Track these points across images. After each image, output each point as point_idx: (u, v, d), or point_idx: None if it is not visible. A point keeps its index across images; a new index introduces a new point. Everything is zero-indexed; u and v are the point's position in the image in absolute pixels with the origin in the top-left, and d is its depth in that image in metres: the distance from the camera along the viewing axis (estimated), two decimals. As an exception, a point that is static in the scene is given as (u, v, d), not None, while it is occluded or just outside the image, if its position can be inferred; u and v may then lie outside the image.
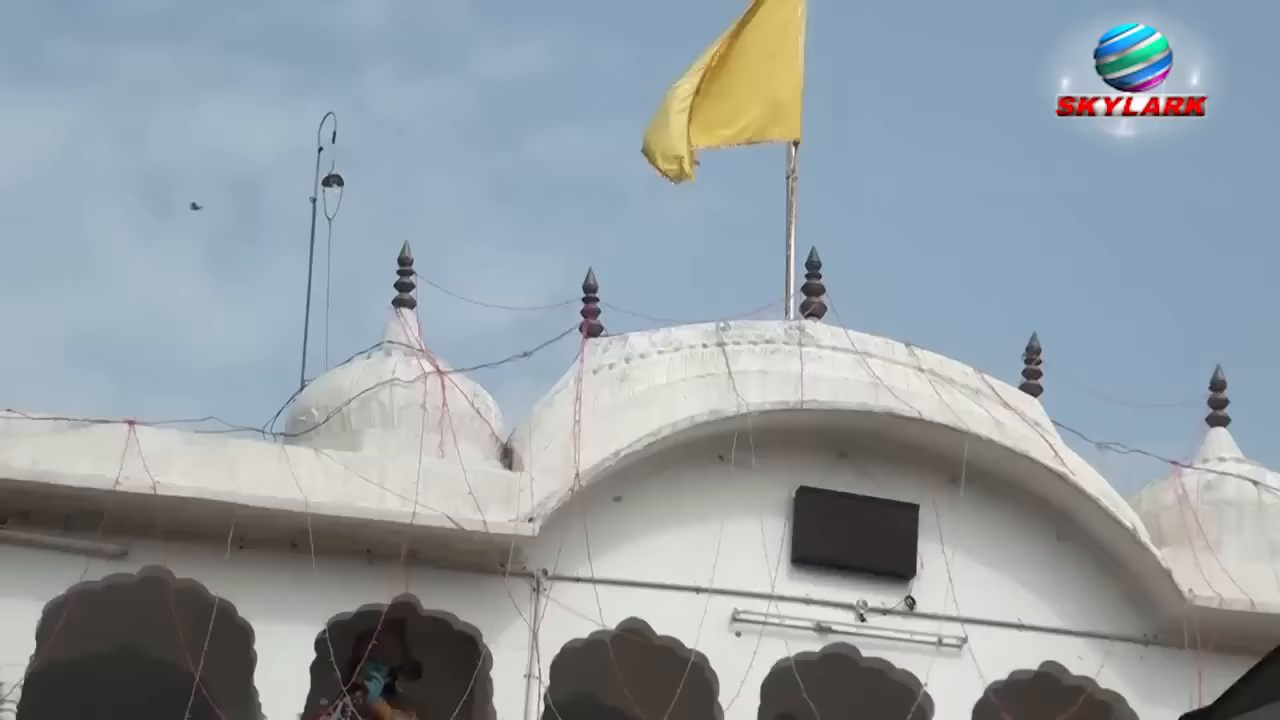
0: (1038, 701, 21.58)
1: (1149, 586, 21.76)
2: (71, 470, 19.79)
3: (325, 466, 20.63)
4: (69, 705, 20.95)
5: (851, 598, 21.40)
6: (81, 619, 19.94)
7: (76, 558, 19.87)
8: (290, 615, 20.35)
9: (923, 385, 22.06)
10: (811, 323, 22.62)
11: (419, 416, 21.22)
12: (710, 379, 21.73)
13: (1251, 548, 22.31)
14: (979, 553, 21.78)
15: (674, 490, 21.41)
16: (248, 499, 20.08)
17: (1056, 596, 21.87)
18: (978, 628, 21.50)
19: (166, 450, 20.28)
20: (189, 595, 20.05)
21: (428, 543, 20.50)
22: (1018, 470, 21.85)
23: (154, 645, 20.56)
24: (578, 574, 20.95)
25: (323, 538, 20.16)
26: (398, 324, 22.16)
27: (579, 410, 21.36)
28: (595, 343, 22.23)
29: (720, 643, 21.06)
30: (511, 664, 20.67)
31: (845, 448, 21.77)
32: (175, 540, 20.00)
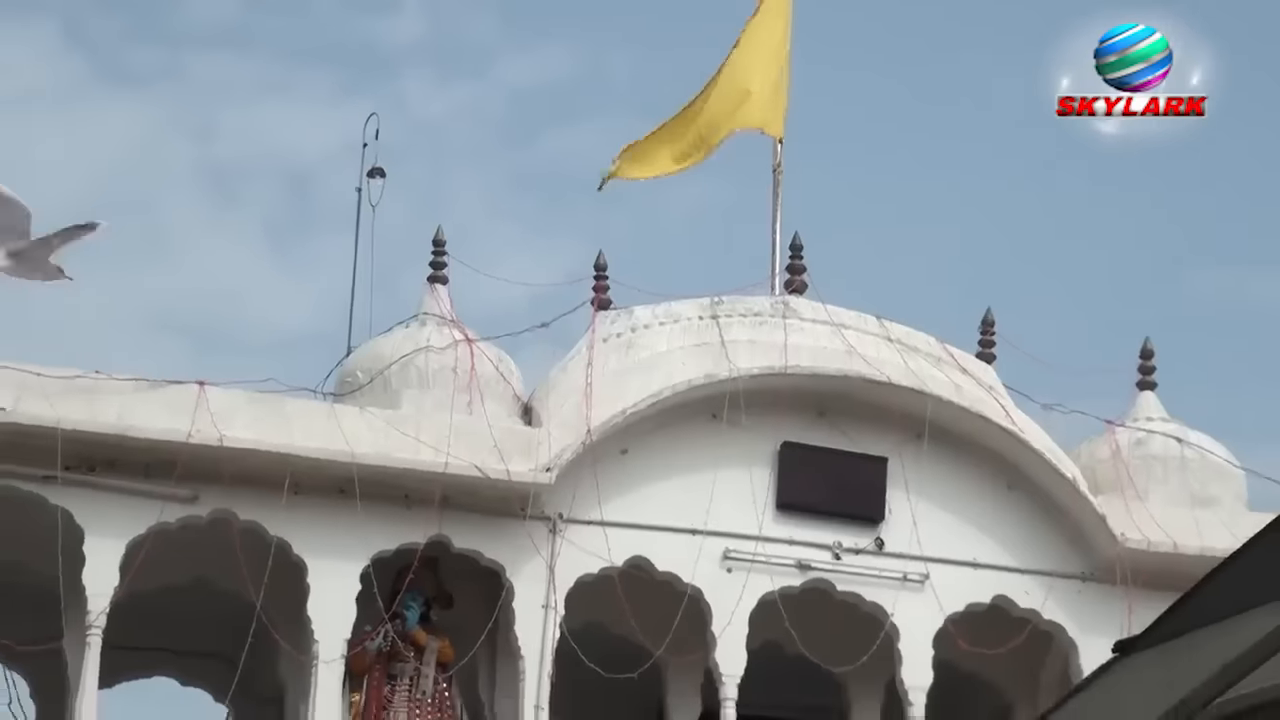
0: (990, 631, 21.66)
1: (1086, 530, 21.88)
2: (150, 425, 20.01)
3: (369, 422, 20.77)
4: (147, 630, 21.22)
5: (828, 539, 21.48)
6: (158, 555, 20.12)
7: (154, 501, 20.06)
8: (338, 552, 20.48)
9: (891, 353, 22.16)
10: (794, 298, 22.73)
11: (450, 379, 21.36)
12: (705, 347, 21.84)
13: (1175, 497, 22.42)
14: (940, 500, 21.88)
15: (673, 444, 21.50)
16: (301, 450, 20.30)
17: (1007, 539, 21.96)
18: (938, 565, 21.59)
19: (231, 408, 20.48)
20: (251, 534, 20.25)
21: (458, 489, 20.65)
22: (974, 428, 21.95)
23: (221, 578, 20.76)
24: (589, 517, 21.07)
25: (366, 484, 20.31)
26: (432, 298, 22.29)
27: (590, 374, 21.48)
28: (604, 315, 22.33)
29: (713, 578, 21.18)
30: (531, 596, 20.82)
31: (823, 408, 21.83)
32: (239, 486, 20.23)
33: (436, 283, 22.46)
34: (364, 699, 20.86)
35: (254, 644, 20.50)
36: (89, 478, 20.00)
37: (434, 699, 21.13)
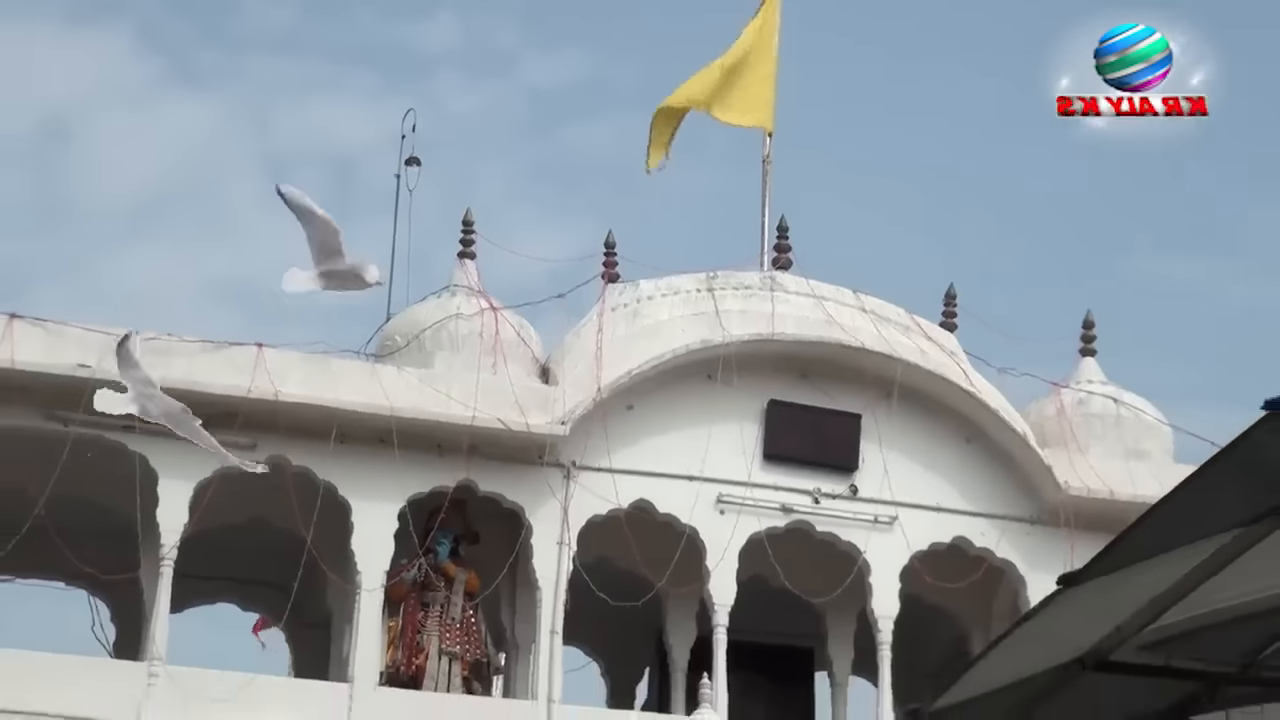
0: (950, 567, 21.76)
1: (1035, 479, 21.93)
2: (214, 381, 20.12)
3: (405, 380, 20.88)
4: (212, 562, 21.36)
5: (809, 485, 21.55)
6: (221, 496, 20.23)
7: (209, 450, 20.00)
8: (378, 494, 20.59)
9: (865, 323, 22.17)
10: (780, 274, 22.72)
11: (477, 342, 21.45)
12: (701, 316, 21.89)
13: (1112, 450, 22.42)
14: (907, 451, 21.91)
15: (673, 401, 21.56)
16: (346, 404, 20.43)
17: (965, 486, 21.99)
18: (905, 509, 21.67)
19: (285, 367, 20.61)
20: (302, 478, 20.39)
21: (483, 440, 20.74)
22: (937, 389, 21.99)
23: (276, 517, 20.85)
24: (598, 465, 21.18)
25: (403, 435, 20.44)
26: (461, 271, 22.33)
27: (600, 339, 21.54)
28: (613, 287, 22.35)
29: (708, 519, 21.26)
30: (547, 534, 20.93)
31: (805, 370, 21.86)
32: (291, 436, 20.38)
33: (465, 258, 22.49)
34: (400, 623, 20.94)
35: (305, 575, 20.60)
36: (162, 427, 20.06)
37: (462, 624, 21.17)
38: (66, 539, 19.93)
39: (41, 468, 19.69)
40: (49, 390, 19.77)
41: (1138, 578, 8.19)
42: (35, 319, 20.20)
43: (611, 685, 24.40)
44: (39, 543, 19.96)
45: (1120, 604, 8.43)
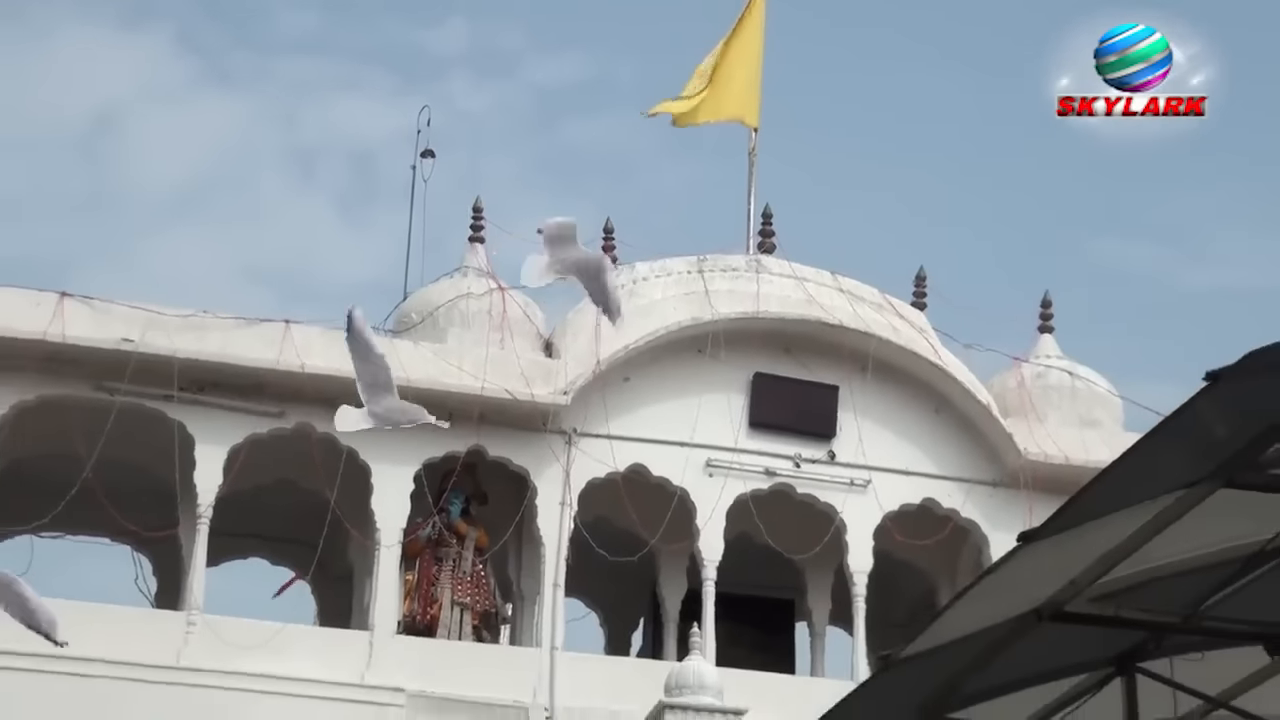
0: (919, 526, 21.78)
1: (997, 446, 21.93)
2: (245, 354, 20.28)
3: (421, 354, 20.89)
4: (244, 520, 21.39)
5: (791, 451, 21.57)
6: (252, 459, 20.36)
7: (249, 416, 20.37)
8: (396, 459, 20.53)
9: (842, 302, 22.14)
10: (765, 257, 22.72)
11: (486, 320, 21.47)
12: (692, 296, 21.90)
13: (1067, 419, 22.43)
14: (880, 420, 21.89)
15: (666, 374, 21.59)
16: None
17: (934, 452, 21.99)
18: (878, 473, 21.67)
19: (310, 341, 20.60)
20: (326, 444, 20.28)
21: (492, 409, 20.79)
22: (908, 363, 21.99)
23: (302, 479, 20.89)
24: (598, 432, 21.23)
25: (418, 403, 20.49)
26: (472, 254, 22.35)
27: (599, 317, 20.78)
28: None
29: (698, 481, 21.31)
30: (550, 495, 20.99)
31: (788, 345, 21.86)
32: (316, 405, 20.12)
33: (475, 242, 22.52)
34: (416, 577, 21.02)
35: (329, 532, 20.67)
36: (199, 397, 20.23)
37: (472, 577, 21.24)
38: (112, 499, 20.02)
39: (89, 434, 19.73)
40: (96, 363, 19.87)
41: (1090, 535, 8.22)
42: (84, 297, 20.24)
43: (609, 634, 24.42)
44: (87, 503, 19.99)
45: (1074, 559, 8.46)
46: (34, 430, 20.10)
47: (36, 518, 20.31)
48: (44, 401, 20.04)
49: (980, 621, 8.92)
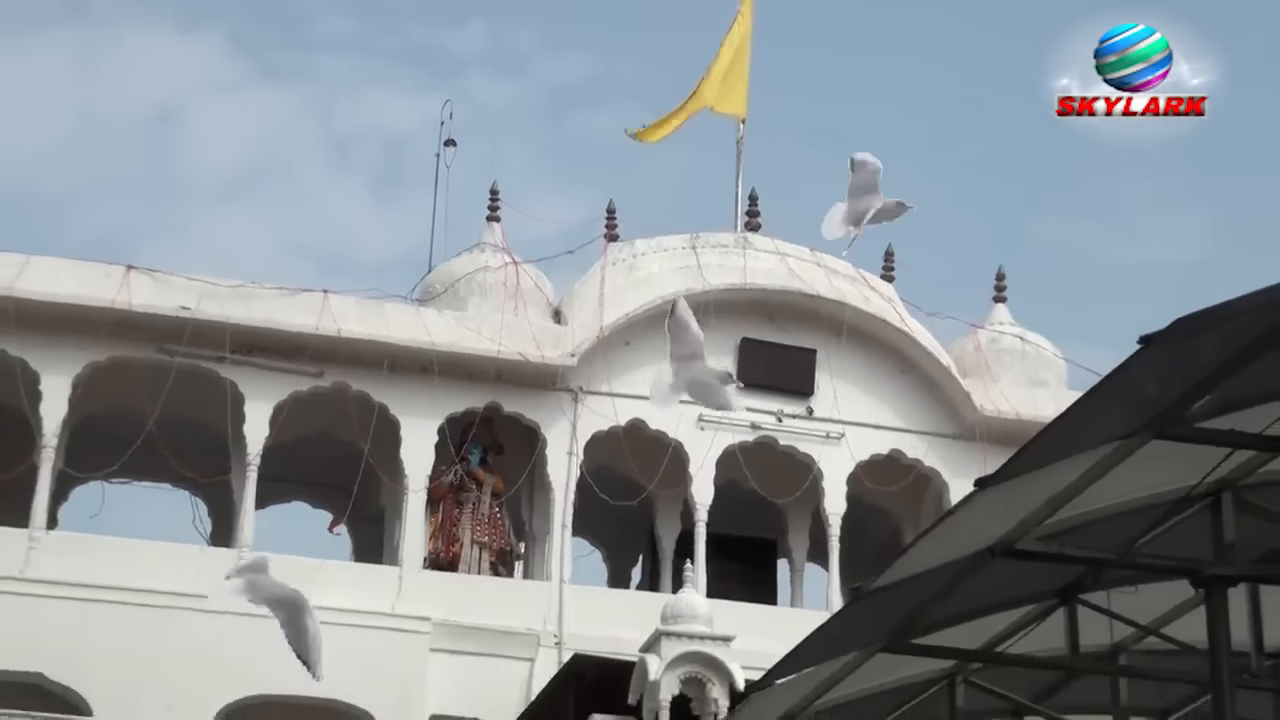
0: (887, 474, 21.84)
1: (956, 403, 21.98)
2: (287, 320, 20.33)
3: (444, 320, 20.99)
4: (288, 468, 21.34)
5: (773, 407, 21.59)
6: (295, 414, 20.44)
7: (292, 376, 20.41)
8: (422, 414, 20.66)
9: (820, 275, 22.14)
10: (751, 235, 22.71)
11: (502, 290, 21.49)
12: (686, 269, 21.91)
13: (1018, 380, 22.43)
14: (853, 380, 21.88)
15: (662, 339, 20.56)
16: (396, 339, 20.53)
17: (899, 408, 22.00)
18: (850, 427, 21.71)
19: (345, 309, 20.68)
20: (361, 400, 20.47)
21: (507, 369, 20.85)
22: (877, 329, 22.00)
23: (339, 431, 20.90)
24: (601, 390, 21.28)
25: (442, 364, 20.55)
26: (489, 232, 22.34)
27: (603, 287, 21.60)
28: (613, 246, 22.32)
29: (691, 434, 21.30)
30: (559, 446, 21.04)
31: (771, 313, 21.90)
32: (351, 366, 20.48)
33: (492, 221, 22.50)
34: (440, 518, 21.07)
35: (362, 478, 20.76)
36: (248, 358, 20.28)
37: (489, 519, 21.30)
38: (172, 449, 20.05)
39: (152, 391, 19.79)
40: (158, 328, 19.92)
41: (1037, 482, 8.28)
42: (147, 269, 20.36)
43: (611, 569, 24.41)
44: (150, 453, 20.05)
45: (1023, 503, 8.52)
46: (104, 388, 20.11)
47: (106, 466, 20.40)
48: (113, 362, 20.07)
49: (941, 558, 8.97)
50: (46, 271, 20.04)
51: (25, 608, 18.64)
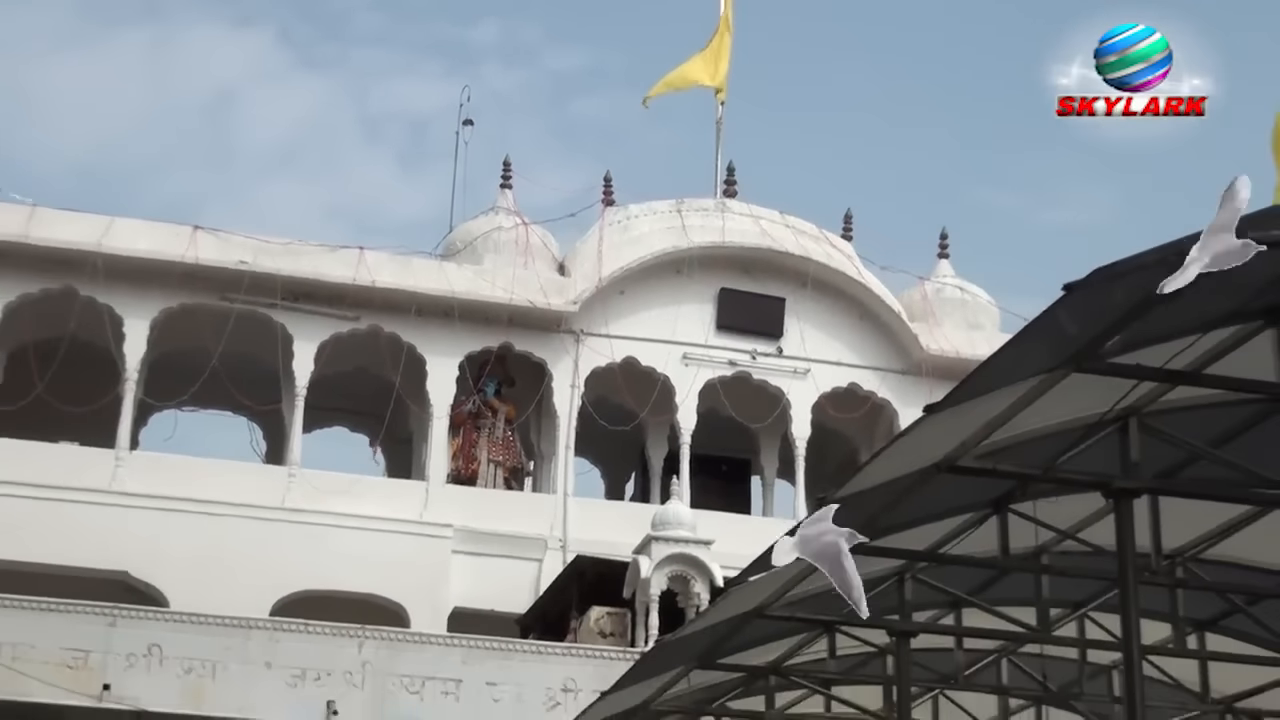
0: (846, 403, 21.94)
1: (906, 343, 22.04)
2: (329, 273, 20.34)
3: (464, 273, 21.02)
4: (330, 398, 21.39)
5: (748, 347, 21.65)
6: (336, 352, 20.51)
7: (333, 319, 20.47)
8: (444, 352, 20.73)
9: (788, 234, 22.16)
10: (729, 200, 22.70)
11: (514, 247, 21.53)
12: (672, 229, 21.96)
13: (958, 324, 22.48)
14: (816, 324, 21.92)
15: (652, 289, 21.66)
16: (422, 289, 20.56)
17: (856, 347, 22.05)
18: (815, 364, 21.77)
19: (379, 264, 20.68)
20: (392, 341, 20.54)
21: (518, 314, 20.92)
22: (838, 280, 22.05)
23: (374, 367, 20.94)
24: (599, 332, 21.33)
25: (462, 310, 20.63)
26: (502, 198, 22.36)
27: (601, 245, 21.63)
28: (610, 210, 22.30)
29: (677, 370, 21.43)
30: (563, 379, 21.14)
31: (746, 267, 21.93)
32: (383, 311, 20.52)
33: (505, 188, 22.52)
34: (460, 441, 21.14)
35: (394, 407, 20.88)
36: (295, 305, 20.35)
37: (503, 441, 21.41)
38: (233, 382, 20.20)
39: (215, 333, 19.89)
40: (220, 279, 19.99)
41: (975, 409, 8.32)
42: (210, 229, 20.39)
43: (607, 484, 24.53)
44: (214, 385, 20.19)
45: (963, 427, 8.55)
46: (175, 330, 20.20)
47: (178, 396, 20.56)
48: (182, 308, 20.15)
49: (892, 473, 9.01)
50: (127, 231, 20.08)
51: (112, 516, 18.78)
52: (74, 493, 18.72)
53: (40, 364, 19.45)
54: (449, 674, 16.05)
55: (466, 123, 23.40)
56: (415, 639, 16.74)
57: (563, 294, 21.14)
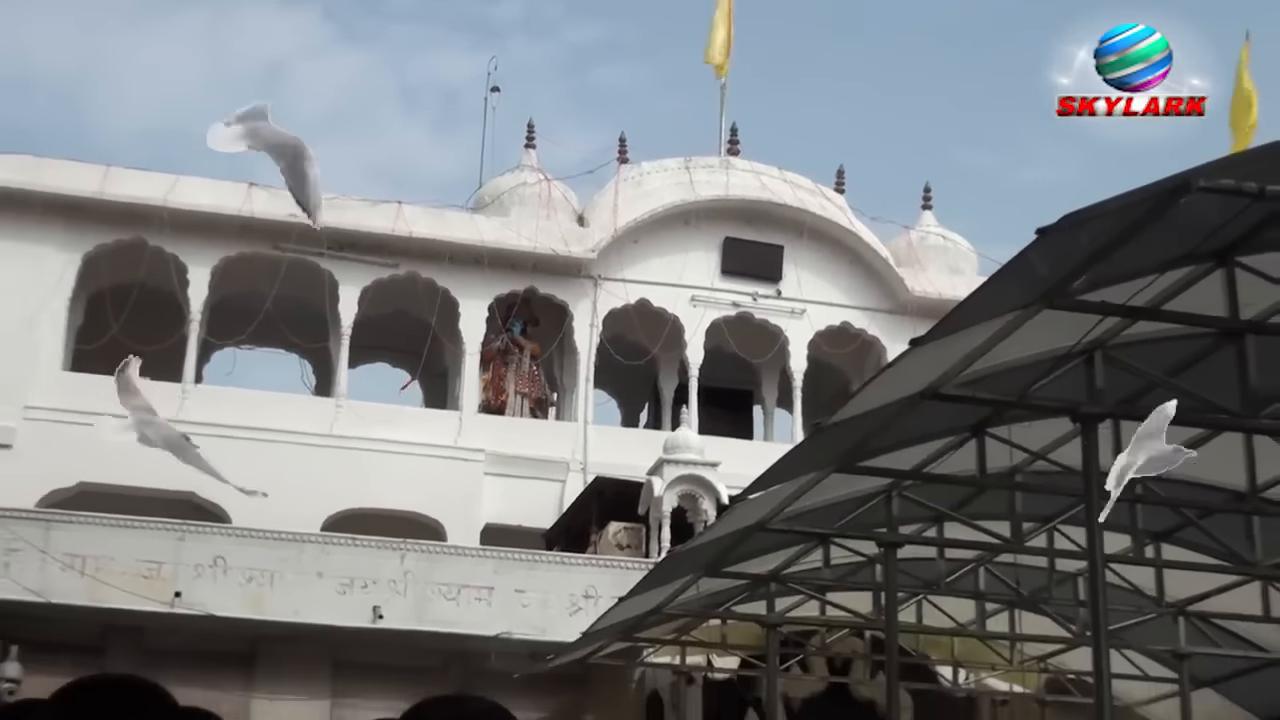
0: (838, 340, 21.95)
1: (893, 286, 22.04)
2: (370, 225, 20.31)
3: (492, 224, 20.99)
4: (372, 337, 21.39)
5: (750, 290, 21.64)
6: (377, 295, 20.51)
7: (374, 267, 20.44)
8: (476, 294, 20.74)
9: (786, 188, 22.14)
10: (732, 158, 22.56)
11: (538, 200, 21.49)
12: (680, 184, 21.91)
13: (940, 269, 22.40)
14: (812, 269, 21.90)
15: (663, 238, 21.62)
16: (455, 239, 20.54)
17: (849, 289, 21.87)
18: (811, 305, 21.75)
19: (415, 216, 20.64)
20: (428, 285, 20.54)
21: (542, 261, 20.89)
22: (832, 230, 22.01)
23: (412, 309, 20.93)
24: (616, 277, 21.33)
25: (491, 258, 20.63)
26: (527, 157, 22.33)
27: (616, 199, 21.60)
28: (625, 167, 22.28)
29: (686, 310, 21.45)
30: (583, 319, 21.17)
31: (748, 218, 21.87)
32: (421, 259, 20.48)
33: (529, 148, 22.49)
34: (490, 375, 21.18)
35: (431, 344, 20.94)
36: (340, 253, 20.32)
37: (529, 375, 21.47)
38: (285, 323, 20.31)
39: (269, 278, 19.95)
40: (273, 230, 19.91)
41: (956, 342, 8.32)
42: (264, 185, 20.13)
43: (623, 413, 24.59)
44: (269, 325, 20.32)
45: (945, 359, 8.55)
46: (234, 276, 20.23)
47: (236, 335, 20.61)
48: (240, 256, 20.16)
49: (881, 400, 9.04)
50: (190, 188, 20.08)
51: (179, 443, 18.90)
52: (146, 423, 18.86)
53: (115, 308, 19.55)
54: (482, 582, 16.16)
55: (494, 90, 23.41)
56: (451, 551, 16.84)
57: (582, 242, 21.12)
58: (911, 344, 8.36)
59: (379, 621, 15.76)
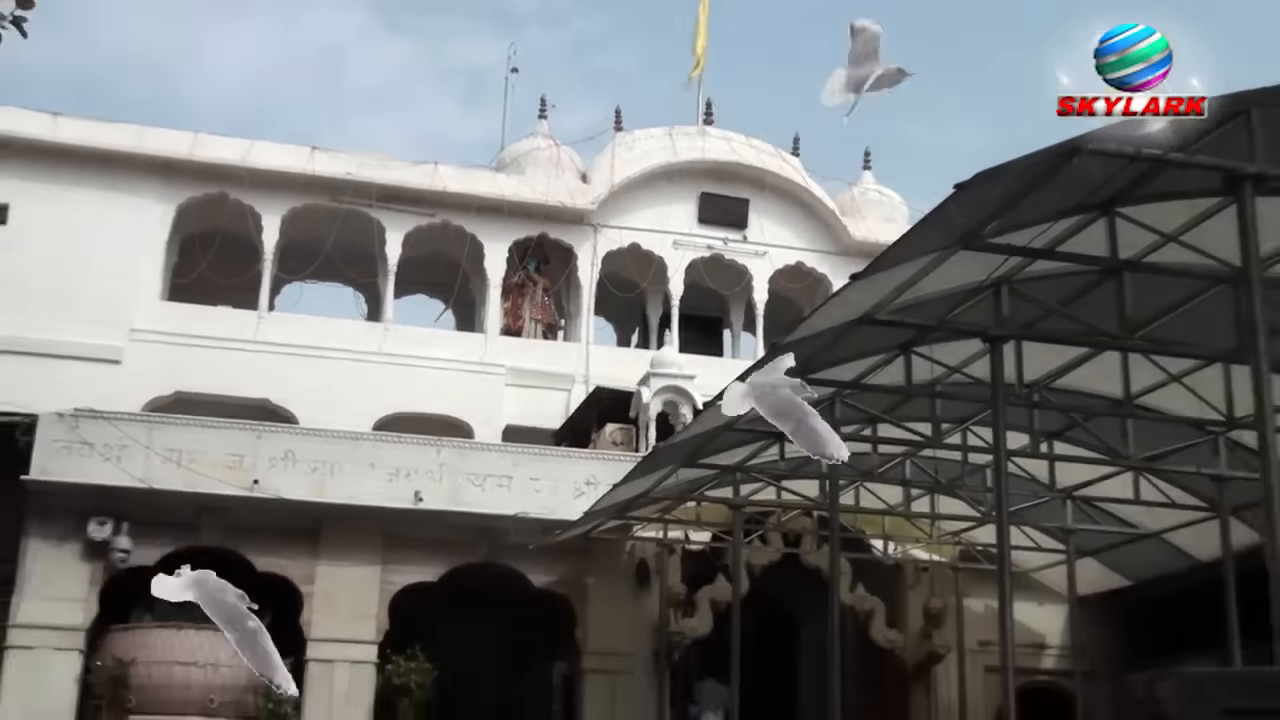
0: (794, 277, 21.80)
1: (839, 233, 21.90)
2: (412, 181, 20.10)
3: (511, 182, 20.77)
4: (413, 273, 21.01)
5: (721, 235, 21.50)
6: (422, 239, 20.35)
7: (414, 216, 20.22)
8: (498, 237, 20.56)
9: (751, 152, 21.95)
10: (707, 128, 22.32)
11: (548, 162, 21.28)
12: (665, 148, 21.70)
13: (878, 219, 22.20)
14: (773, 218, 21.75)
15: (651, 193, 21.42)
16: (481, 193, 20.32)
17: (802, 235, 21.89)
18: (771, 248, 21.66)
19: (447, 175, 20.41)
20: (457, 231, 20.36)
21: (553, 212, 20.68)
22: (788, 185, 21.83)
23: (444, 251, 20.62)
24: (613, 225, 21.12)
25: (510, 208, 20.44)
26: (540, 126, 22.08)
27: (613, 160, 21.37)
28: (620, 134, 22.05)
29: (669, 252, 21.31)
30: (585, 259, 20.99)
31: (720, 176, 21.69)
32: (452, 209, 20.26)
33: (542, 118, 22.25)
34: (509, 304, 21.03)
35: (461, 279, 20.83)
36: (387, 205, 20.13)
37: (541, 304, 21.31)
38: (343, 261, 20.15)
39: (328, 226, 19.80)
40: (330, 186, 19.79)
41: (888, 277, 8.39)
42: (324, 149, 20.13)
43: (618, 336, 24.41)
44: (328, 264, 20.15)
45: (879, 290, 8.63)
46: (300, 223, 20.05)
47: (302, 272, 20.41)
48: (305, 207, 19.97)
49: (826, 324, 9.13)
50: (264, 150, 19.89)
51: (256, 359, 18.89)
52: (229, 342, 18.84)
53: (203, 249, 19.50)
54: (503, 472, 16.18)
55: (513, 71, 23.18)
56: (478, 447, 16.84)
57: (585, 196, 20.98)
58: (852, 279, 8.46)
59: (420, 503, 15.80)
